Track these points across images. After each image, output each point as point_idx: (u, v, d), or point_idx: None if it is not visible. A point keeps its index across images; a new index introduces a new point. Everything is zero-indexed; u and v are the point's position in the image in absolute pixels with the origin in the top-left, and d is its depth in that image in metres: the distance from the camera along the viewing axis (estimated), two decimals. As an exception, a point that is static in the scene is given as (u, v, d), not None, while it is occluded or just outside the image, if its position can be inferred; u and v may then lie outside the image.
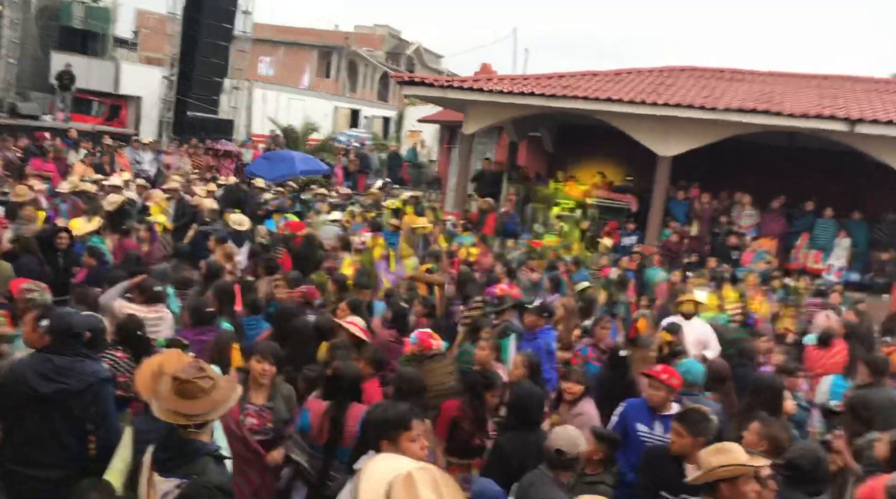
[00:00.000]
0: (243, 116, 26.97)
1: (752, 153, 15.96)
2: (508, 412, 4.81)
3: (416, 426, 3.38)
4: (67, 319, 4.11)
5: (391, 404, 3.57)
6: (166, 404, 3.33)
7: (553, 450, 4.02)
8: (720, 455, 3.70)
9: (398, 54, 48.72)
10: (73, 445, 3.94)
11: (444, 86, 16.30)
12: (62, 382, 3.90)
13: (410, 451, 3.26)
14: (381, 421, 3.42)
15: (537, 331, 6.93)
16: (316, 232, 11.31)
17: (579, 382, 5.33)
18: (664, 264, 12.51)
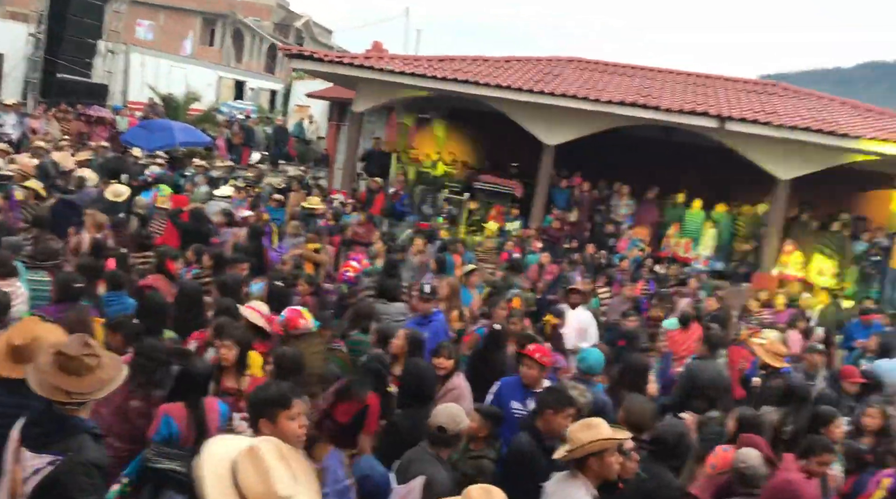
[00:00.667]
0: (119, 82, 25.47)
1: (630, 145, 16.66)
2: (401, 390, 4.85)
3: (296, 405, 3.34)
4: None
5: (271, 383, 3.51)
6: (47, 379, 3.15)
7: (435, 427, 4.09)
8: (588, 431, 3.88)
9: (287, 26, 47.42)
10: None
11: (335, 61, 16.03)
12: None
13: (289, 429, 3.25)
14: (261, 399, 3.36)
15: (430, 315, 6.95)
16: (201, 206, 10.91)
17: (450, 356, 5.39)
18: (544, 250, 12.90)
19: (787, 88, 17.37)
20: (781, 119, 13.77)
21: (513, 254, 12.08)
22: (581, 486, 3.80)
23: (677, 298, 10.93)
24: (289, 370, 4.58)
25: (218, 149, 20.81)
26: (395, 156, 17.56)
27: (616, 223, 15.39)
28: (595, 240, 14.74)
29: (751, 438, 4.73)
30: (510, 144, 16.58)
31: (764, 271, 14.11)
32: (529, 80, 15.31)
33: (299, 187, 14.89)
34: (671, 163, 16.69)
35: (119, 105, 23.81)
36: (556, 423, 4.46)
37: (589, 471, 3.83)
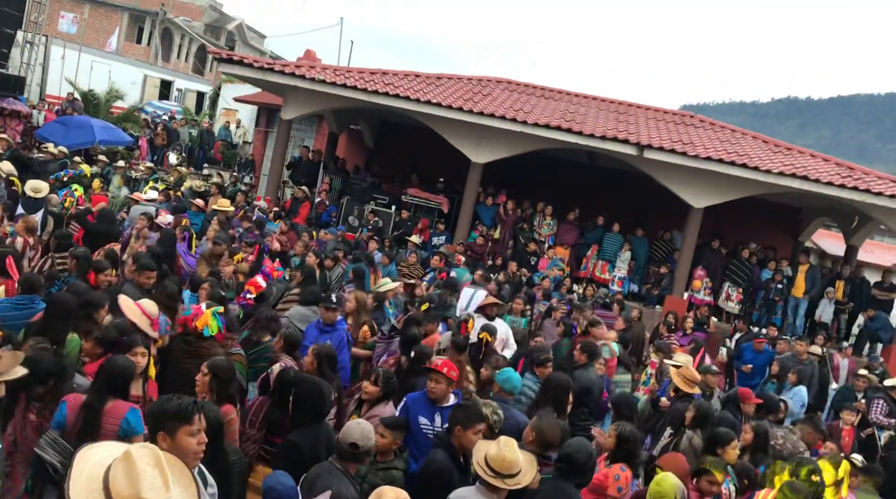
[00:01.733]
0: (37, 75, 24.49)
1: (555, 167, 17.10)
2: (296, 407, 4.75)
3: (197, 420, 3.28)
4: None
5: (174, 396, 3.44)
6: None
7: (347, 443, 4.12)
8: (494, 448, 4.04)
9: (219, 28, 46.60)
10: None
11: (265, 68, 15.87)
12: None
13: (187, 445, 3.18)
14: (161, 411, 3.28)
15: (335, 322, 6.95)
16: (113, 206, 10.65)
17: (376, 383, 5.31)
18: (468, 265, 13.07)
19: (704, 120, 18.15)
20: (697, 149, 14.38)
21: (437, 269, 12.22)
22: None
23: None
24: (226, 380, 4.62)
25: (140, 149, 20.29)
26: (323, 165, 17.49)
27: (538, 242, 15.72)
28: (517, 258, 15.02)
29: (675, 456, 4.99)
30: (438, 159, 16.75)
31: (675, 295, 14.66)
32: (459, 99, 15.52)
33: (217, 192, 14.65)
34: (593, 186, 17.22)
35: (39, 98, 22.92)
36: (467, 439, 4.56)
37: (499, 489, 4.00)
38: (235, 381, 4.95)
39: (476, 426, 4.60)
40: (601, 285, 15.03)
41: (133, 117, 24.54)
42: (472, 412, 4.71)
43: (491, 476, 4.00)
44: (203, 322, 5.48)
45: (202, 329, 5.46)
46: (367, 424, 4.38)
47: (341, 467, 4.11)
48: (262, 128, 24.18)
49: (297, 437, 4.55)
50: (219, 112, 28.33)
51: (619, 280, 15.37)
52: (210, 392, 4.62)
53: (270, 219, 13.60)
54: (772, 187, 14.21)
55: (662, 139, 14.89)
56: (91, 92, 24.24)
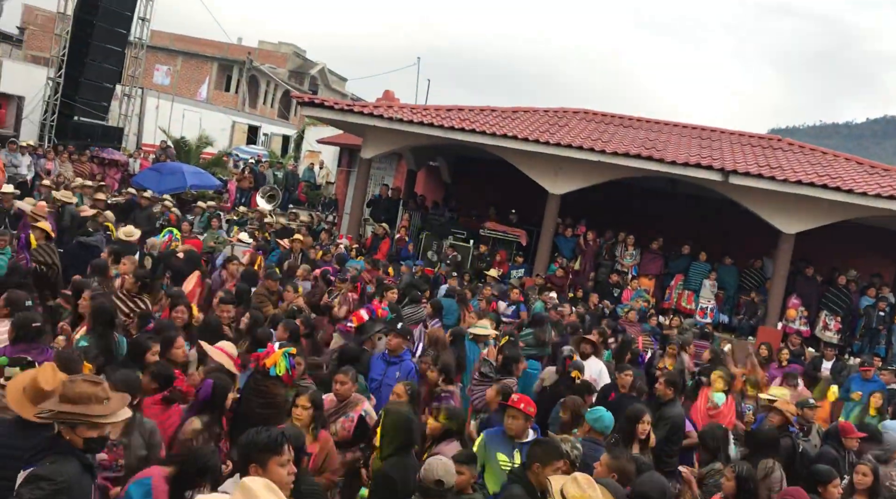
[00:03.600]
0: (134, 125, 25.93)
1: (636, 196, 16.78)
2: (384, 439, 4.80)
3: (286, 451, 3.34)
4: None
5: (263, 428, 3.52)
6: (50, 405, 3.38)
7: (432, 481, 4.08)
8: (572, 486, 3.88)
9: (303, 74, 48.34)
10: None
11: (345, 110, 16.32)
12: None
13: (278, 475, 3.26)
14: (251, 443, 3.36)
15: (402, 353, 6.91)
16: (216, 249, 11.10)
17: (438, 419, 5.25)
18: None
19: (793, 143, 17.49)
20: (785, 173, 13.84)
21: (517, 303, 12.10)
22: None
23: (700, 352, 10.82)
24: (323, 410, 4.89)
25: (228, 193, 21.09)
26: (402, 202, 17.72)
27: (621, 273, 15.39)
28: (599, 290, 14.73)
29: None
30: (516, 192, 16.73)
31: (768, 325, 14.02)
32: (536, 131, 15.51)
33: (307, 232, 15.03)
34: (676, 214, 16.79)
35: (136, 147, 24.22)
36: (545, 476, 4.43)
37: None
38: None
39: (555, 463, 4.47)
40: (687, 316, 14.54)
41: (222, 162, 25.61)
42: (551, 449, 4.59)
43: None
44: (272, 361, 5.52)
45: (269, 368, 5.52)
46: (448, 460, 4.33)
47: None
48: (343, 168, 24.78)
49: (389, 469, 4.55)
50: (303, 154, 29.27)
51: (702, 310, 14.83)
52: (311, 423, 4.80)
53: (352, 256, 13.82)
54: (868, 210, 13.48)
55: (749, 164, 14.41)
56: (183, 139, 25.48)
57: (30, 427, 3.64)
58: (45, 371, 3.84)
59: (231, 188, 21.33)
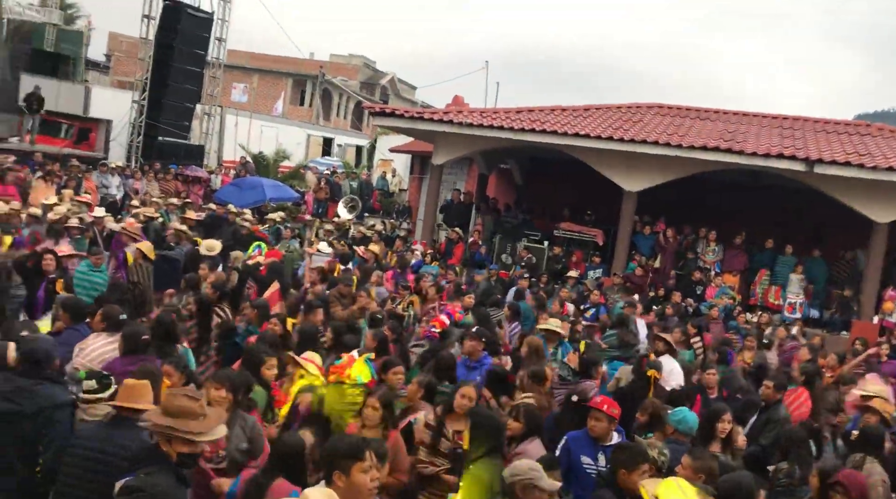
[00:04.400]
0: (214, 142, 26.86)
1: (716, 189, 16.27)
2: (474, 441, 4.76)
3: (369, 457, 3.36)
4: (32, 344, 4.19)
5: (346, 435, 3.55)
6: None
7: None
8: (682, 493, 3.75)
9: (373, 84, 49.08)
10: (17, 466, 3.95)
11: (415, 117, 16.46)
12: (17, 402, 3.95)
13: (361, 482, 3.27)
14: (333, 450, 3.40)
15: (481, 357, 6.86)
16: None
17: (518, 419, 5.23)
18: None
19: (882, 128, 16.63)
20: (876, 160, 13.16)
21: (598, 305, 11.91)
22: None
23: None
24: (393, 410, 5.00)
25: (306, 204, 21.56)
26: (475, 206, 17.73)
27: (703, 270, 14.94)
28: (681, 288, 14.34)
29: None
30: (590, 191, 16.49)
31: (864, 319, 13.34)
32: (609, 128, 15.26)
33: (379, 239, 15.21)
34: (759, 207, 16.19)
35: (217, 164, 25.08)
36: (632, 481, 4.32)
37: None
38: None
39: (640, 467, 4.35)
40: (775, 312, 13.99)
41: (299, 175, 26.21)
42: (636, 453, 4.48)
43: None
44: (357, 371, 5.55)
45: (356, 378, 5.54)
46: (533, 461, 4.28)
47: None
48: (416, 175, 24.98)
49: (479, 470, 4.53)
50: (375, 163, 29.69)
51: (790, 305, 14.22)
52: (380, 423, 4.84)
53: (427, 262, 13.88)
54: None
55: (835, 152, 13.78)
56: (261, 154, 26.23)
57: (121, 432, 3.80)
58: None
59: (308, 200, 21.80)
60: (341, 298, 9.07)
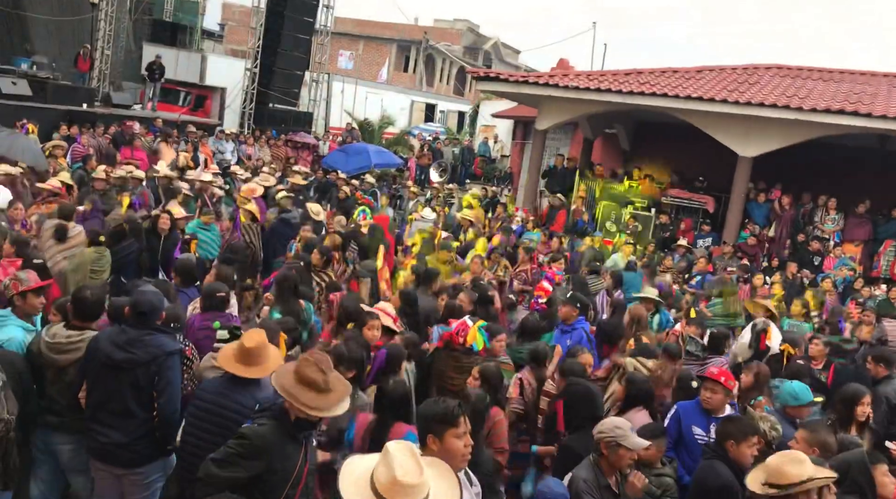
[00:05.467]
0: (322, 109, 27.48)
1: (838, 155, 15.31)
2: (569, 412, 4.77)
3: (463, 423, 3.34)
4: (138, 297, 4.42)
5: (440, 399, 3.55)
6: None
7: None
8: (798, 466, 3.58)
9: (476, 49, 48.72)
10: (137, 412, 4.22)
11: (519, 81, 16.25)
12: (131, 352, 4.20)
13: (455, 447, 3.25)
14: (429, 415, 3.38)
15: (573, 322, 6.82)
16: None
17: (620, 382, 5.26)
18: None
19: None
20: None
21: (705, 273, 11.54)
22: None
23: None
24: (494, 386, 4.83)
25: (409, 170, 21.80)
26: (579, 172, 17.40)
27: (822, 240, 14.15)
28: (797, 258, 13.65)
29: None
30: (701, 156, 15.86)
31: None
32: (723, 90, 14.57)
33: (479, 205, 15.20)
34: (887, 174, 15.11)
35: (324, 130, 25.70)
36: (740, 453, 4.19)
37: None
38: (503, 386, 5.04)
39: (749, 440, 4.20)
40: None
41: (403, 141, 26.49)
42: (745, 425, 4.33)
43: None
44: (472, 337, 5.60)
45: (470, 344, 5.60)
46: (620, 419, 4.27)
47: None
48: (518, 140, 24.75)
49: (572, 442, 4.52)
50: (478, 129, 29.58)
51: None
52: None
53: (529, 228, 13.79)
54: None
55: (976, 113, 12.66)
56: (366, 120, 26.64)
57: (238, 389, 3.97)
58: (248, 335, 4.14)
59: (411, 165, 22.03)
60: (441, 265, 9.17)
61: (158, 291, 4.73)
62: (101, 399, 4.25)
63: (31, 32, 20.17)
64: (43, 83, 17.25)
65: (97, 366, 4.24)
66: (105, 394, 4.23)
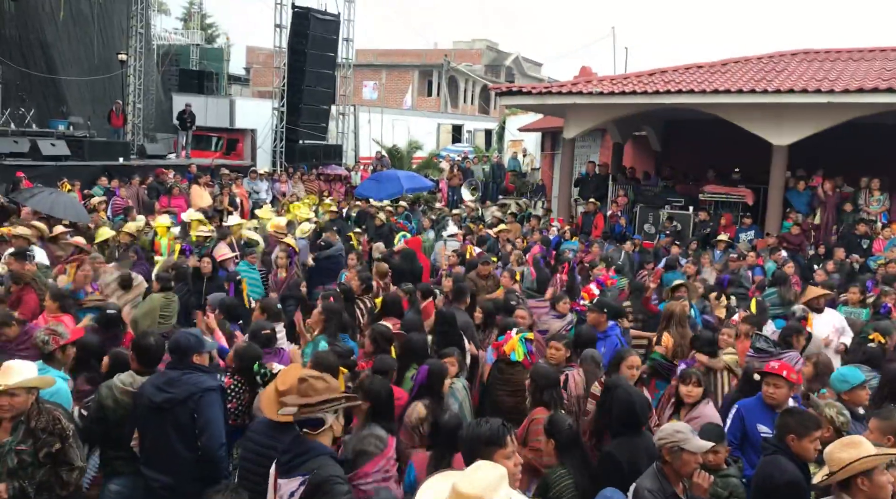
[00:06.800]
0: (350, 140, 27.81)
1: (877, 135, 14.93)
2: (613, 419, 4.62)
3: (510, 443, 3.29)
4: (175, 337, 4.51)
5: (483, 420, 3.47)
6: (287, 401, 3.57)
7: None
8: (850, 449, 3.47)
9: (498, 66, 48.93)
10: (182, 452, 4.23)
11: (543, 92, 16.23)
12: (169, 391, 4.25)
13: (505, 468, 3.20)
14: (475, 438, 3.32)
15: (606, 329, 6.70)
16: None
17: (699, 384, 5.04)
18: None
19: None
20: None
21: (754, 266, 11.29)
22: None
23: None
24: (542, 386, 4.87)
25: (440, 191, 21.87)
26: (611, 177, 17.27)
27: (868, 222, 13.76)
28: (844, 244, 13.28)
29: None
30: (735, 149, 15.60)
31: None
32: (751, 80, 14.35)
33: (513, 219, 15.15)
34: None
35: (354, 161, 25.97)
36: (803, 448, 4.03)
37: (858, 493, 3.44)
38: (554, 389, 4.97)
39: (812, 435, 4.03)
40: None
41: (432, 163, 26.62)
42: (806, 419, 4.13)
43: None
44: (511, 347, 5.56)
45: (509, 354, 5.55)
46: (681, 424, 4.10)
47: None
48: (547, 152, 24.69)
49: (615, 450, 4.39)
50: (506, 145, 29.60)
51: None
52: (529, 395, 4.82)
53: (566, 238, 13.67)
54: None
55: None
56: (394, 147, 26.85)
57: (281, 429, 3.86)
58: (282, 373, 4.11)
59: (443, 187, 22.10)
60: (483, 280, 9.12)
61: (193, 331, 4.77)
62: (150, 443, 4.30)
63: (65, 95, 20.86)
64: (80, 142, 17.80)
65: (144, 411, 4.29)
66: (152, 438, 4.28)
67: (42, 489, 3.99)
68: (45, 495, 4.00)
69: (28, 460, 3.95)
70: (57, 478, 4.01)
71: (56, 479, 4.01)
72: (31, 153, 16.26)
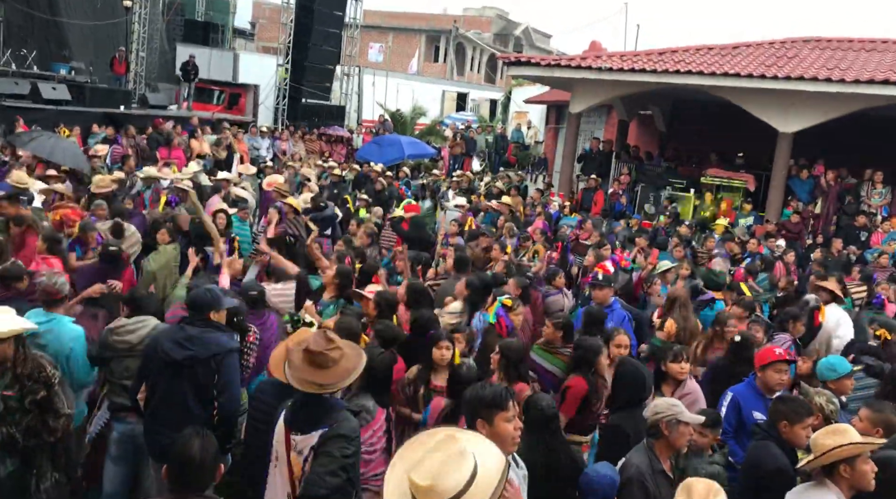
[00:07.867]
0: (354, 102, 27.57)
1: (883, 127, 14.87)
2: (619, 391, 4.72)
3: (511, 407, 3.31)
4: (199, 294, 4.45)
5: (487, 384, 3.51)
6: (300, 374, 3.48)
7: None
8: (834, 436, 3.54)
9: (506, 35, 48.40)
10: (196, 410, 4.19)
11: (551, 65, 16.06)
12: (190, 349, 4.20)
13: (505, 431, 3.23)
14: (477, 400, 3.34)
15: (611, 303, 6.75)
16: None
17: (687, 361, 5.14)
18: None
19: None
20: None
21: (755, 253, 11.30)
22: (830, 495, 3.49)
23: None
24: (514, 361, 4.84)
25: (442, 159, 21.76)
26: (615, 154, 17.20)
27: (868, 215, 13.78)
28: (843, 234, 13.31)
29: None
30: (740, 134, 15.54)
31: None
32: (761, 66, 14.24)
33: (516, 192, 15.09)
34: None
35: (357, 123, 25.76)
36: (794, 434, 4.08)
37: (840, 480, 3.51)
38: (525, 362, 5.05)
39: (805, 421, 4.09)
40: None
41: (435, 131, 26.45)
42: (799, 405, 4.20)
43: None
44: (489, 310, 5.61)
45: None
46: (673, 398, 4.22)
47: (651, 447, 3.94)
48: (552, 125, 24.55)
49: (619, 420, 4.46)
50: (510, 116, 29.40)
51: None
52: (500, 371, 4.82)
53: (565, 213, 13.64)
54: None
55: None
56: (398, 112, 26.62)
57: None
58: (294, 335, 4.11)
59: (445, 155, 21.99)
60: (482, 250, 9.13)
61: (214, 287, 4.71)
62: (161, 399, 4.25)
63: (68, 38, 20.55)
64: (81, 87, 17.59)
65: (158, 365, 4.23)
66: (164, 393, 4.23)
67: (29, 435, 4.01)
68: (33, 441, 4.02)
69: (15, 405, 3.97)
70: (44, 424, 4.03)
71: (43, 425, 4.03)
72: (32, 96, 16.06)
